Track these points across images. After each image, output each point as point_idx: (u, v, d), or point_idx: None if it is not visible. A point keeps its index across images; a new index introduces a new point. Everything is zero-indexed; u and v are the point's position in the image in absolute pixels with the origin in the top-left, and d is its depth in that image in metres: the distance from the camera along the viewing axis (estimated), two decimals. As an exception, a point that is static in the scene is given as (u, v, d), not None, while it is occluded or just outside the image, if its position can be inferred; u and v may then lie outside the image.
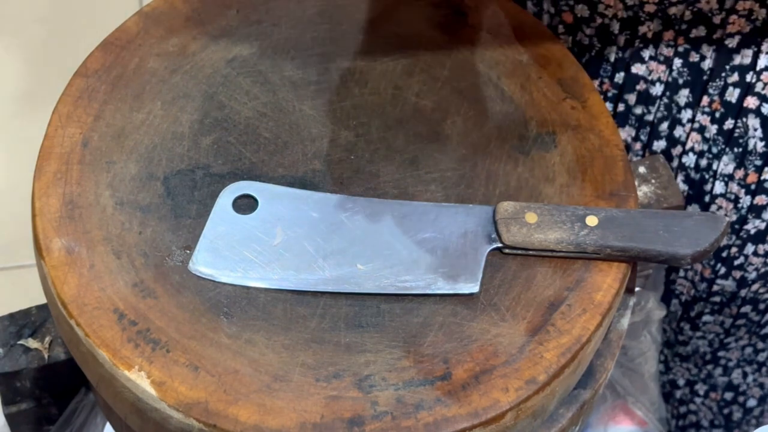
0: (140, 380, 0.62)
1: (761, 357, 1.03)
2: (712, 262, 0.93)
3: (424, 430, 0.61)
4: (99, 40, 0.77)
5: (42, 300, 0.71)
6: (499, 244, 0.68)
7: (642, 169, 0.83)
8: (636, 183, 0.79)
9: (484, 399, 0.62)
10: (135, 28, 0.78)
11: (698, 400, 1.08)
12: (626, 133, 0.90)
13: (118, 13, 0.86)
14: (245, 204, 0.70)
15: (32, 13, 1.85)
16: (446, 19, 0.81)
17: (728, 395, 1.08)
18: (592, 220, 0.68)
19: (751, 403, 1.08)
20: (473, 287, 0.66)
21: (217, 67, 0.76)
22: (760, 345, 1.02)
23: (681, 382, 1.07)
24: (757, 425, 1.11)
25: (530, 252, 0.68)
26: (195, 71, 0.76)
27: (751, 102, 0.84)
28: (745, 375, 1.05)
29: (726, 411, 1.09)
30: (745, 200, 0.88)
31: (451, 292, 0.66)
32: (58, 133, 0.72)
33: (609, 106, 0.89)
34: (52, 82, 0.82)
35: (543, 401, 0.65)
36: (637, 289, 0.90)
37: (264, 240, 0.68)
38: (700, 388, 1.07)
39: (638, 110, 0.89)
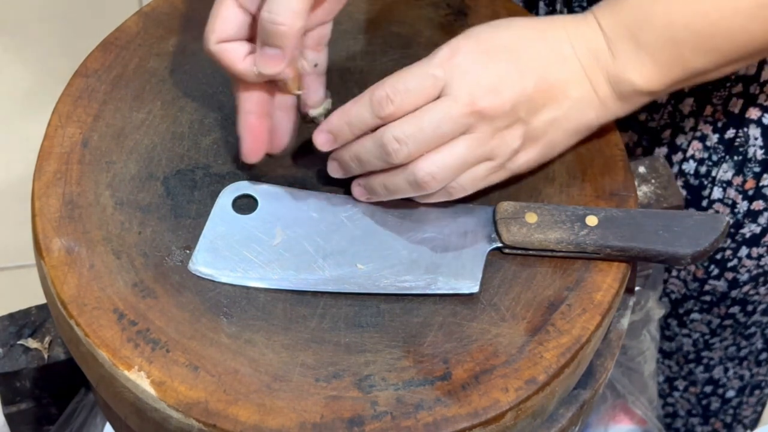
0: (140, 380, 0.62)
1: (743, 353, 1.03)
2: (705, 264, 0.93)
3: (423, 430, 0.61)
4: (99, 40, 0.77)
5: (42, 300, 0.71)
6: (499, 244, 0.68)
7: (642, 169, 0.83)
8: (636, 183, 0.78)
9: (484, 399, 0.62)
10: (135, 28, 0.78)
11: (677, 394, 1.08)
12: (628, 137, 0.90)
13: (118, 13, 0.86)
14: (245, 204, 0.70)
15: (32, 13, 1.85)
16: (446, 19, 0.81)
17: (708, 389, 1.08)
18: (591, 220, 0.68)
19: (730, 393, 1.09)
20: (473, 287, 0.66)
21: (216, 67, 0.76)
22: (744, 344, 1.02)
23: (660, 378, 1.07)
24: (734, 415, 1.11)
25: (530, 252, 0.68)
26: (195, 71, 0.76)
27: (753, 113, 0.84)
28: (726, 370, 1.06)
29: (704, 402, 1.09)
30: (742, 205, 0.88)
31: (451, 291, 0.66)
32: (58, 132, 0.72)
33: None
34: (52, 82, 0.82)
35: (543, 401, 0.64)
36: (636, 288, 0.90)
37: (264, 240, 0.68)
38: (680, 383, 1.07)
39: (642, 116, 0.89)
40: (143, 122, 0.73)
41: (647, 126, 0.89)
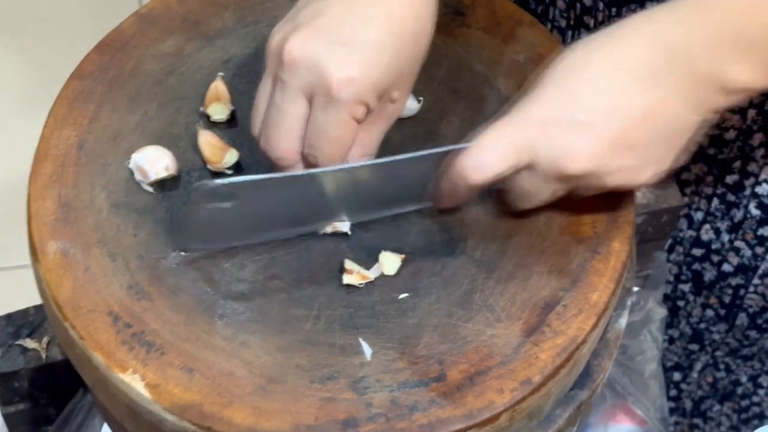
0: (135, 383, 0.62)
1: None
2: None
3: (418, 432, 0.61)
4: (98, 41, 0.77)
5: (40, 300, 0.71)
6: None
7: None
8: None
9: (479, 400, 0.62)
10: (131, 30, 0.78)
11: (761, 392, 1.07)
12: (698, 169, 0.90)
13: (117, 14, 0.86)
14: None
15: (32, 13, 1.85)
16: (444, 19, 0.80)
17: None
18: None
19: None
20: None
21: (213, 69, 0.76)
22: None
23: (744, 379, 1.06)
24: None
25: None
26: (191, 72, 0.76)
27: None
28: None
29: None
30: None
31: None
32: (54, 135, 0.72)
33: None
34: (51, 83, 0.82)
35: (538, 402, 0.64)
36: (636, 289, 0.90)
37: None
38: (764, 380, 1.06)
39: (711, 151, 0.88)
40: (139, 124, 0.73)
41: (717, 158, 0.88)
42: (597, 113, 0.64)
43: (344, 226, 0.69)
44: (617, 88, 0.64)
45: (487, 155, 0.64)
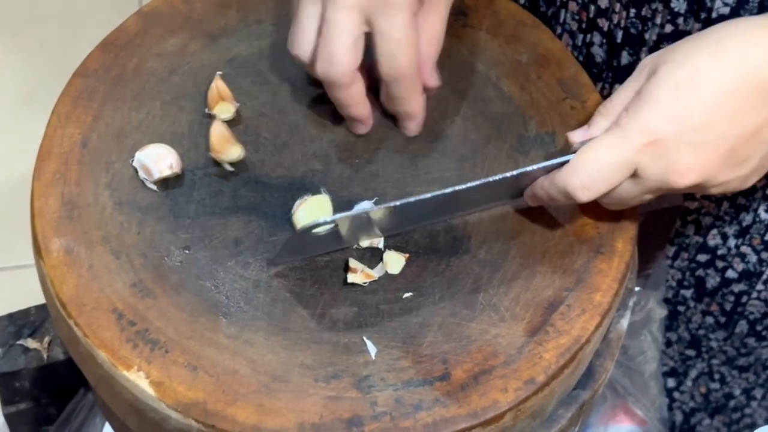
0: (139, 380, 0.62)
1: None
2: None
3: (423, 431, 0.61)
4: (99, 40, 0.77)
5: (41, 300, 0.71)
6: None
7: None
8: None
9: (483, 399, 0.62)
10: (134, 28, 0.78)
11: (754, 404, 1.08)
12: None
13: (118, 13, 0.86)
14: None
15: (32, 13, 1.85)
16: (446, 20, 0.81)
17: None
18: None
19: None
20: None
21: (216, 68, 0.76)
22: None
23: (737, 392, 1.06)
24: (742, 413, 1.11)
25: None
26: (194, 71, 0.76)
27: None
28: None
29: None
30: None
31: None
32: (57, 133, 0.72)
33: None
34: (52, 83, 0.82)
35: (542, 402, 0.64)
36: (637, 289, 0.90)
37: None
38: (758, 392, 1.06)
39: None
40: (142, 122, 0.73)
41: None
42: (708, 131, 0.63)
43: (380, 242, 0.69)
44: (731, 106, 0.63)
45: (596, 175, 0.64)
